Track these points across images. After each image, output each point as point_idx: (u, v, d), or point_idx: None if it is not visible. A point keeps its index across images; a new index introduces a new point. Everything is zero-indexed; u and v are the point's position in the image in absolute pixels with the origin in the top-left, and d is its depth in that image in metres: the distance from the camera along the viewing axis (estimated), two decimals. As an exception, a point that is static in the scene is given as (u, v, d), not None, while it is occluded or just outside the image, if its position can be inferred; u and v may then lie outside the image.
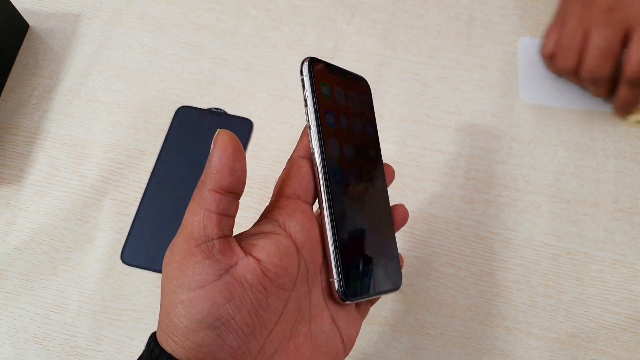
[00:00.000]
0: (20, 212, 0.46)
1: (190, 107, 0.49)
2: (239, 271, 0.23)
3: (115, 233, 0.45)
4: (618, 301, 0.41)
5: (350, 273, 0.27)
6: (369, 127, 0.30)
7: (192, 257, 0.23)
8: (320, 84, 0.28)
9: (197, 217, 0.23)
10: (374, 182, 0.30)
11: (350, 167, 0.28)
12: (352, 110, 0.29)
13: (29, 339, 0.42)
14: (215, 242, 0.23)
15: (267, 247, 0.24)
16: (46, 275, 0.44)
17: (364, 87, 0.31)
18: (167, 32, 0.53)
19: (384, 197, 0.31)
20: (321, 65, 0.28)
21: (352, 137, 0.29)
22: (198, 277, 0.22)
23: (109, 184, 0.47)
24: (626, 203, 0.44)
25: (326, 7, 0.53)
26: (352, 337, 0.28)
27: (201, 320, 0.22)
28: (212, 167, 0.24)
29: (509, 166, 0.46)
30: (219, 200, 0.24)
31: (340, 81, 0.29)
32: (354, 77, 0.30)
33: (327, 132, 0.27)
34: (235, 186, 0.24)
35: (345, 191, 0.28)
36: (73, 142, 0.49)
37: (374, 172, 0.30)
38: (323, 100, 0.27)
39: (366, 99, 0.31)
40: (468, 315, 0.41)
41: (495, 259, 0.43)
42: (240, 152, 0.24)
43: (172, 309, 0.23)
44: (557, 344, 0.40)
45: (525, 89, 0.49)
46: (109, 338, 0.42)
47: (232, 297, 0.23)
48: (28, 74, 0.51)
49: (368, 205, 0.29)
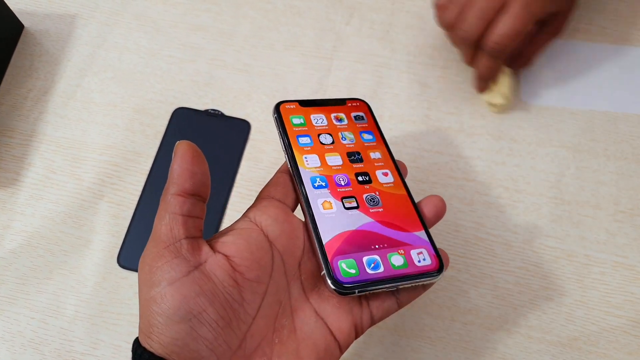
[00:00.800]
0: (16, 216, 0.46)
1: (188, 108, 0.49)
2: (208, 268, 0.24)
3: (111, 236, 0.45)
4: (620, 304, 0.41)
5: (347, 264, 0.28)
6: (368, 136, 0.34)
7: (162, 258, 0.24)
8: (291, 117, 0.33)
9: (163, 221, 0.25)
10: (378, 181, 0.32)
11: (338, 172, 0.32)
12: (339, 127, 0.34)
13: (25, 344, 0.42)
14: (183, 242, 0.24)
15: (236, 242, 0.26)
16: (42, 279, 0.44)
17: (353, 108, 0.36)
18: (163, 33, 0.52)
19: (395, 194, 0.32)
20: (292, 104, 0.34)
21: (341, 149, 0.33)
22: (167, 275, 0.23)
23: (105, 186, 0.46)
24: (628, 205, 0.44)
25: (324, 8, 0.53)
26: (344, 331, 0.28)
27: (173, 314, 0.23)
28: (173, 173, 0.25)
29: (510, 167, 0.46)
30: (182, 203, 0.25)
31: (319, 109, 0.34)
32: (338, 102, 0.36)
33: (300, 152, 0.32)
34: (197, 189, 0.25)
35: (332, 192, 0.31)
36: (69, 144, 0.48)
37: (378, 171, 0.33)
38: (293, 128, 0.33)
39: (360, 115, 0.35)
40: (468, 318, 0.41)
41: (496, 261, 0.43)
42: (199, 157, 0.25)
43: (146, 308, 0.23)
44: (558, 347, 0.40)
45: (525, 88, 0.48)
46: (106, 342, 0.41)
47: (202, 291, 0.23)
48: (23, 76, 0.51)
49: (369, 202, 0.31)
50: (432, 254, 0.30)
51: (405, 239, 0.30)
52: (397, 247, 0.29)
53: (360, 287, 0.27)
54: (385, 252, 0.29)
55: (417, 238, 0.30)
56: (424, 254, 0.29)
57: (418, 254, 0.29)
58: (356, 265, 0.28)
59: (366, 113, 0.36)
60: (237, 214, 0.44)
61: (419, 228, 0.31)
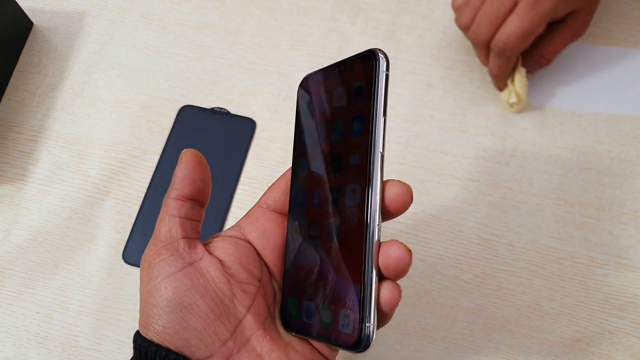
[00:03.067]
0: (22, 211, 0.46)
1: (194, 106, 0.49)
2: (202, 264, 0.26)
3: (117, 232, 0.45)
4: (623, 305, 0.41)
5: (292, 303, 0.27)
6: (357, 125, 0.25)
7: (159, 256, 0.26)
8: (302, 103, 0.28)
9: (163, 222, 0.27)
10: (348, 202, 0.25)
11: (315, 187, 0.26)
12: (337, 112, 0.26)
13: (30, 338, 0.42)
14: (180, 242, 0.26)
15: (225, 247, 0.27)
16: (48, 274, 0.44)
17: (357, 73, 0.25)
18: (170, 31, 0.53)
19: (355, 224, 0.24)
20: (310, 81, 0.28)
21: (326, 149, 0.26)
22: (163, 270, 0.25)
23: (111, 183, 0.47)
24: (632, 207, 0.44)
25: (330, 8, 0.53)
26: (323, 348, 0.28)
27: (165, 305, 0.25)
28: (174, 179, 0.27)
29: (513, 168, 0.46)
30: (180, 206, 0.27)
31: (329, 82, 0.27)
32: (349, 65, 0.26)
33: (298, 153, 0.28)
34: (196, 194, 0.27)
35: (306, 214, 0.27)
36: (76, 140, 0.49)
37: (349, 186, 0.25)
38: (301, 119, 0.28)
39: (360, 86, 0.25)
40: (471, 318, 0.41)
41: (499, 261, 0.43)
42: (201, 165, 0.27)
43: (144, 301, 0.25)
44: (560, 348, 0.40)
45: (530, 90, 0.48)
46: (110, 338, 0.42)
47: (194, 285, 0.25)
48: (32, 73, 0.51)
49: (328, 232, 0.25)
50: (355, 320, 0.23)
51: (345, 291, 0.24)
52: (333, 300, 0.24)
53: (295, 330, 0.27)
54: (323, 301, 0.25)
55: (353, 294, 0.23)
56: (349, 319, 0.23)
57: (345, 316, 0.24)
58: (298, 307, 0.26)
59: (367, 81, 0.24)
60: (241, 211, 0.45)
61: (357, 281, 0.23)
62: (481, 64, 0.46)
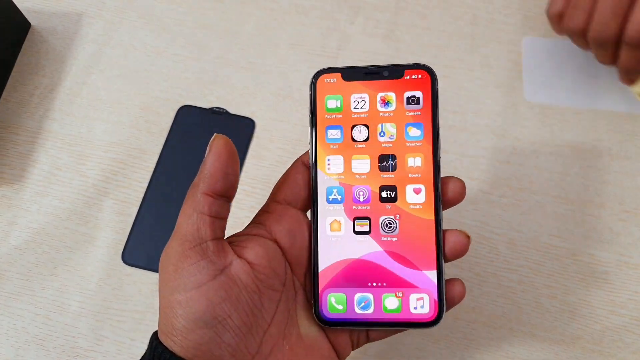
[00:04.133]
0: (21, 212, 0.46)
1: (193, 106, 0.49)
2: (233, 271, 0.24)
3: (116, 233, 0.45)
4: (624, 303, 0.41)
5: (336, 298, 0.27)
6: (415, 131, 0.27)
7: (188, 259, 0.23)
8: (327, 97, 0.28)
9: (190, 219, 0.24)
10: (410, 200, 0.27)
11: (360, 183, 0.27)
12: (382, 115, 0.27)
13: (29, 340, 0.42)
14: (209, 244, 0.24)
15: (255, 249, 0.25)
16: (47, 276, 0.44)
17: (410, 83, 0.27)
18: (169, 31, 0.53)
19: (420, 218, 0.27)
20: (334, 76, 0.27)
21: (373, 149, 0.27)
22: (194, 277, 0.23)
23: (110, 183, 0.47)
24: (632, 204, 0.44)
25: (329, 7, 0.53)
26: (341, 344, 0.28)
27: (198, 319, 0.23)
28: (205, 171, 0.24)
29: (513, 166, 0.46)
30: (211, 203, 0.24)
31: (365, 85, 0.27)
32: (394, 73, 0.28)
33: (325, 150, 0.27)
34: (227, 190, 0.25)
35: (345, 210, 0.27)
36: (75, 141, 0.48)
37: (410, 185, 0.27)
38: (325, 116, 0.27)
39: (415, 96, 0.27)
40: (472, 317, 0.41)
41: (499, 259, 0.43)
42: (234, 157, 0.25)
43: (170, 310, 0.23)
44: (561, 346, 0.40)
45: (529, 87, 0.48)
46: (110, 339, 0.42)
47: (228, 296, 0.23)
48: (30, 73, 0.51)
49: (384, 226, 0.27)
50: (434, 300, 0.26)
51: (411, 278, 0.27)
52: (397, 287, 0.26)
53: (343, 325, 0.27)
54: (382, 291, 0.27)
55: (424, 279, 0.26)
56: (424, 301, 0.26)
57: (418, 299, 0.26)
58: (345, 302, 0.27)
59: (425, 93, 0.28)
60: (240, 210, 0.45)
61: (432, 266, 0.26)
62: (597, 63, 0.44)
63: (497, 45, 0.50)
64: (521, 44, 0.50)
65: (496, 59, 0.50)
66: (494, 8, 0.52)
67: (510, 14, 0.52)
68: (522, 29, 0.51)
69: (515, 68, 0.49)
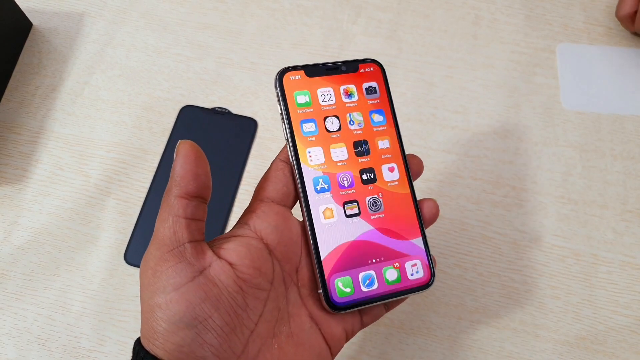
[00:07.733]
0: (23, 212, 0.46)
1: (195, 106, 0.49)
2: (212, 273, 0.24)
3: (118, 233, 0.45)
4: (627, 303, 0.41)
5: (343, 282, 0.27)
6: (378, 117, 0.30)
7: (166, 263, 0.23)
8: (295, 93, 0.29)
9: (166, 224, 0.24)
10: (387, 178, 0.30)
11: (342, 170, 0.29)
12: (348, 106, 0.30)
13: (32, 340, 0.42)
14: (187, 246, 0.24)
15: (237, 249, 0.25)
16: (49, 276, 0.44)
17: (365, 75, 0.31)
18: (171, 31, 0.52)
19: (399, 194, 0.29)
20: (298, 73, 0.29)
21: (347, 137, 0.29)
22: (172, 280, 0.23)
23: (112, 183, 0.46)
24: (635, 204, 0.44)
25: (331, 7, 0.53)
26: (335, 336, 0.28)
27: (179, 320, 0.23)
28: (176, 175, 0.25)
29: (516, 166, 0.46)
30: (185, 206, 0.24)
31: (327, 80, 0.30)
32: (350, 68, 0.31)
33: (304, 143, 0.28)
34: (200, 191, 0.25)
35: (333, 197, 0.28)
36: (76, 141, 0.48)
37: (385, 165, 0.30)
38: (297, 111, 0.29)
39: (372, 86, 0.31)
40: (475, 317, 0.41)
41: (503, 260, 0.43)
42: (202, 158, 0.25)
43: (151, 314, 0.23)
44: (565, 347, 0.40)
45: (568, 96, 0.48)
46: (112, 339, 0.41)
47: (207, 297, 0.23)
48: (31, 73, 0.51)
49: (371, 206, 0.29)
50: (426, 264, 0.29)
51: (403, 248, 0.29)
52: (394, 259, 0.28)
53: (354, 306, 0.27)
54: (381, 266, 0.28)
55: (413, 247, 0.29)
56: (418, 266, 0.29)
57: (412, 266, 0.29)
58: (352, 283, 0.27)
59: (379, 83, 0.31)
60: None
61: (417, 234, 0.29)
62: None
63: (500, 45, 0.50)
64: (523, 44, 0.50)
65: (498, 59, 0.50)
66: (496, 8, 0.52)
67: (512, 14, 0.52)
68: (524, 29, 0.51)
69: (517, 68, 0.49)
